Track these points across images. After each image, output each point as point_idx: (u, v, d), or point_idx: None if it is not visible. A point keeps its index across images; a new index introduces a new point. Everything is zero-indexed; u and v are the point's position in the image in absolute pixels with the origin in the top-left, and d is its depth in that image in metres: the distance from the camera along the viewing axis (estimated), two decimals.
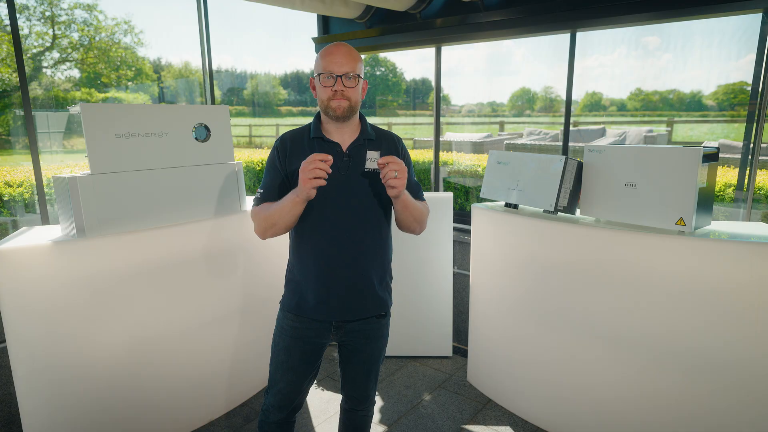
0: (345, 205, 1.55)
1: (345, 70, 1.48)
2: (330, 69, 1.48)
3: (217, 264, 2.46)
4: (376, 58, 8.02)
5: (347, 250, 1.57)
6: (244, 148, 8.23)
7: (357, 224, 1.57)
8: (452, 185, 4.59)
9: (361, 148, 1.58)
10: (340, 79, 1.48)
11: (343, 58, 1.48)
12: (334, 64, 1.48)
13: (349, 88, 1.50)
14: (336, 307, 1.60)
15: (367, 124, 1.64)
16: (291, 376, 1.67)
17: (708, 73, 3.87)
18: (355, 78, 1.50)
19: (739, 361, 1.86)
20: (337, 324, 1.63)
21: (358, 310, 1.63)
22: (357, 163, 1.56)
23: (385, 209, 1.64)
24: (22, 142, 3.83)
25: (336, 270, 1.58)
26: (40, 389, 1.96)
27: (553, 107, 5.38)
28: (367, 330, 1.67)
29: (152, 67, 6.19)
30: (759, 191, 2.97)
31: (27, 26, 4.65)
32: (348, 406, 1.84)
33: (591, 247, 2.18)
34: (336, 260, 1.57)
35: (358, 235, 1.57)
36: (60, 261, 1.95)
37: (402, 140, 1.71)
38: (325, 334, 1.64)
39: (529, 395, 2.56)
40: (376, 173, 1.53)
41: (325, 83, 1.50)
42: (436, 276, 3.17)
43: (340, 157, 1.55)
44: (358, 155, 1.57)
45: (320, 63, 1.50)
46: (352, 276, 1.59)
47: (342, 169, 1.54)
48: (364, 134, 1.60)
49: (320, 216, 1.55)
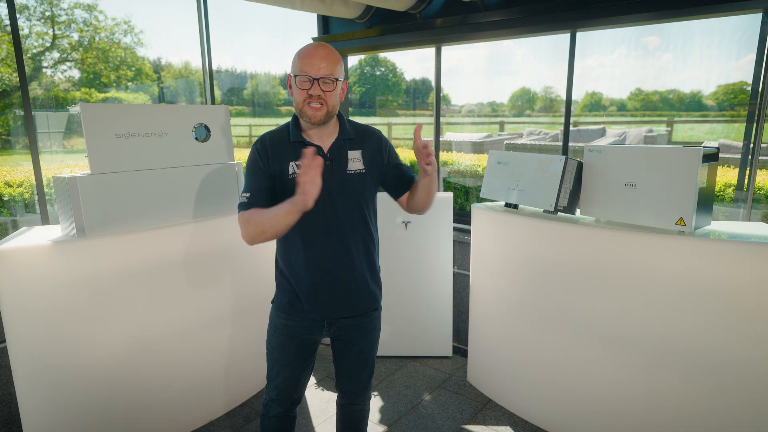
0: (331, 207, 1.54)
1: (322, 74, 1.42)
2: (306, 71, 1.42)
3: (217, 264, 2.46)
4: (376, 58, 8.02)
5: (338, 250, 1.58)
6: (244, 148, 8.23)
7: (344, 224, 1.57)
8: (452, 185, 4.59)
9: (341, 150, 1.57)
10: (316, 82, 1.42)
11: (322, 60, 1.42)
12: (311, 66, 1.42)
13: (326, 92, 1.44)
14: (330, 306, 1.62)
15: (345, 123, 1.61)
16: (287, 372, 1.69)
17: (708, 73, 3.87)
18: (333, 82, 1.45)
19: (739, 361, 1.86)
20: (330, 321, 1.65)
21: (353, 308, 1.65)
22: (339, 164, 1.56)
23: (371, 207, 1.65)
24: (22, 142, 3.83)
25: (327, 270, 1.58)
26: (40, 389, 1.96)
27: (553, 107, 5.38)
28: (360, 324, 1.69)
29: (152, 67, 6.19)
30: (759, 191, 2.97)
31: (27, 26, 4.65)
32: (344, 401, 1.85)
33: (591, 247, 2.18)
34: (326, 261, 1.58)
35: (346, 234, 1.58)
36: (60, 261, 1.95)
37: (382, 133, 1.70)
38: (318, 330, 1.66)
39: (529, 395, 2.56)
40: (359, 174, 1.57)
41: (302, 86, 1.44)
42: (436, 276, 3.17)
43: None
44: (339, 157, 1.56)
45: (297, 63, 1.45)
46: (344, 275, 1.60)
47: (325, 172, 1.51)
48: (343, 134, 1.58)
49: (309, 220, 1.52)
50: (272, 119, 8.63)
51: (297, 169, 1.52)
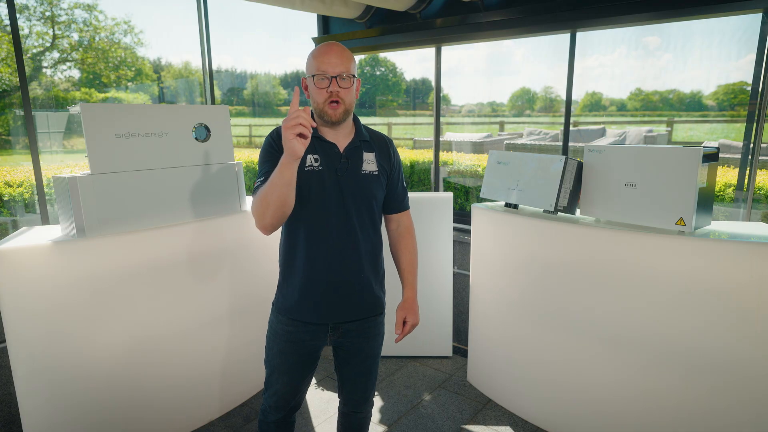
0: (340, 206, 1.53)
1: (339, 71, 1.45)
2: (324, 69, 1.44)
3: (217, 264, 2.46)
4: (376, 58, 8.02)
5: (343, 251, 1.55)
6: (244, 148, 8.23)
7: (352, 225, 1.55)
8: (452, 185, 4.59)
9: (357, 150, 1.57)
10: (335, 80, 1.45)
11: (337, 58, 1.45)
12: (327, 64, 1.44)
13: (343, 89, 1.47)
14: (334, 309, 1.58)
15: (361, 126, 1.62)
16: (287, 379, 1.65)
17: (708, 73, 3.87)
18: (350, 78, 1.47)
19: (739, 361, 1.86)
20: (334, 326, 1.61)
21: (357, 311, 1.62)
22: (354, 164, 1.55)
23: (378, 210, 1.64)
24: (22, 142, 3.83)
25: (333, 272, 1.55)
26: (40, 389, 1.96)
27: (553, 107, 5.38)
28: (365, 329, 1.66)
29: (152, 67, 6.19)
30: (759, 191, 2.97)
31: (27, 26, 4.65)
32: (347, 410, 1.80)
33: (591, 247, 2.18)
34: (332, 262, 1.55)
35: (353, 236, 1.56)
36: (60, 261, 1.95)
37: (393, 142, 1.71)
38: (321, 336, 1.61)
39: (529, 395, 2.56)
40: (372, 175, 1.56)
41: (320, 84, 1.46)
42: (436, 276, 3.17)
43: (337, 158, 1.53)
44: (354, 157, 1.56)
45: (313, 64, 1.47)
46: (349, 277, 1.57)
47: (340, 170, 1.53)
48: (359, 136, 1.59)
49: (315, 217, 1.52)
50: (272, 119, 8.63)
51: (314, 162, 1.52)
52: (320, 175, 1.51)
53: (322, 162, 1.51)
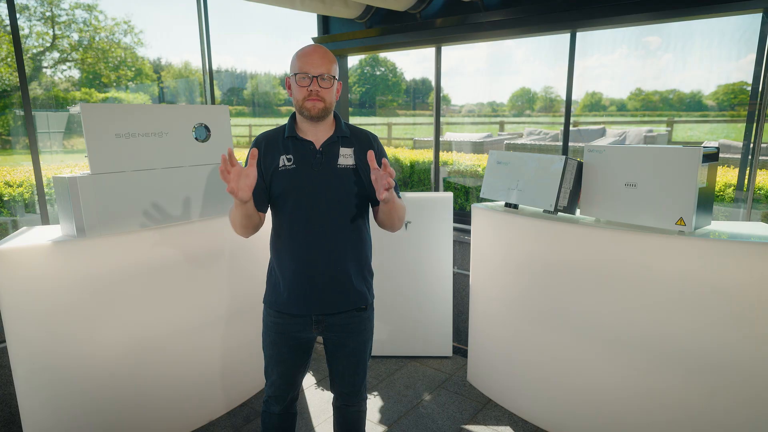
0: (319, 201, 1.59)
1: (320, 71, 1.52)
2: (306, 69, 1.52)
3: (217, 263, 2.46)
4: (376, 58, 8.02)
5: (323, 244, 1.60)
6: (244, 148, 8.22)
7: (332, 219, 1.60)
8: (452, 185, 4.59)
9: (334, 145, 1.62)
10: (315, 79, 1.52)
11: (319, 59, 1.53)
12: (309, 65, 1.52)
13: (324, 89, 1.54)
14: (314, 301, 1.64)
15: (341, 123, 1.67)
16: (282, 368, 1.73)
17: (708, 73, 3.87)
18: (330, 79, 1.55)
19: (739, 362, 1.86)
20: (317, 318, 1.66)
21: (337, 304, 1.66)
22: (330, 159, 1.60)
23: (360, 204, 1.66)
24: (22, 142, 3.83)
25: (312, 264, 1.61)
26: (40, 389, 1.96)
27: (553, 107, 5.38)
28: (348, 324, 1.70)
29: (152, 67, 6.19)
30: (759, 191, 2.97)
31: (27, 26, 4.65)
32: (339, 403, 1.86)
33: (591, 247, 2.18)
34: (312, 255, 1.61)
35: (333, 229, 1.61)
36: (60, 261, 1.95)
37: (378, 138, 1.74)
38: (306, 328, 1.68)
39: (529, 395, 2.56)
40: (349, 169, 1.61)
41: (302, 83, 1.54)
42: (436, 276, 3.17)
43: (313, 154, 1.60)
44: (330, 152, 1.61)
45: (296, 63, 1.54)
46: (329, 270, 1.62)
47: (315, 165, 1.59)
48: (338, 132, 1.64)
49: (296, 212, 1.59)
50: (272, 119, 8.63)
51: (287, 162, 1.60)
52: (294, 172, 1.59)
53: (295, 160, 1.59)
